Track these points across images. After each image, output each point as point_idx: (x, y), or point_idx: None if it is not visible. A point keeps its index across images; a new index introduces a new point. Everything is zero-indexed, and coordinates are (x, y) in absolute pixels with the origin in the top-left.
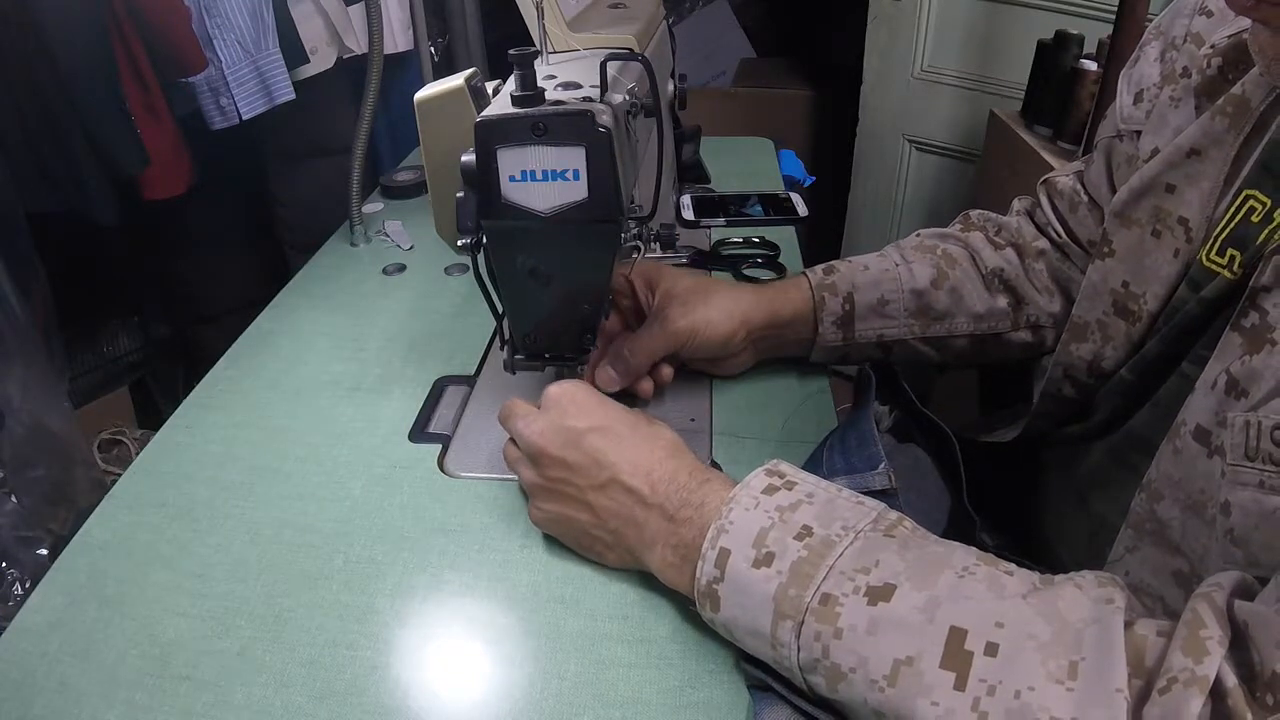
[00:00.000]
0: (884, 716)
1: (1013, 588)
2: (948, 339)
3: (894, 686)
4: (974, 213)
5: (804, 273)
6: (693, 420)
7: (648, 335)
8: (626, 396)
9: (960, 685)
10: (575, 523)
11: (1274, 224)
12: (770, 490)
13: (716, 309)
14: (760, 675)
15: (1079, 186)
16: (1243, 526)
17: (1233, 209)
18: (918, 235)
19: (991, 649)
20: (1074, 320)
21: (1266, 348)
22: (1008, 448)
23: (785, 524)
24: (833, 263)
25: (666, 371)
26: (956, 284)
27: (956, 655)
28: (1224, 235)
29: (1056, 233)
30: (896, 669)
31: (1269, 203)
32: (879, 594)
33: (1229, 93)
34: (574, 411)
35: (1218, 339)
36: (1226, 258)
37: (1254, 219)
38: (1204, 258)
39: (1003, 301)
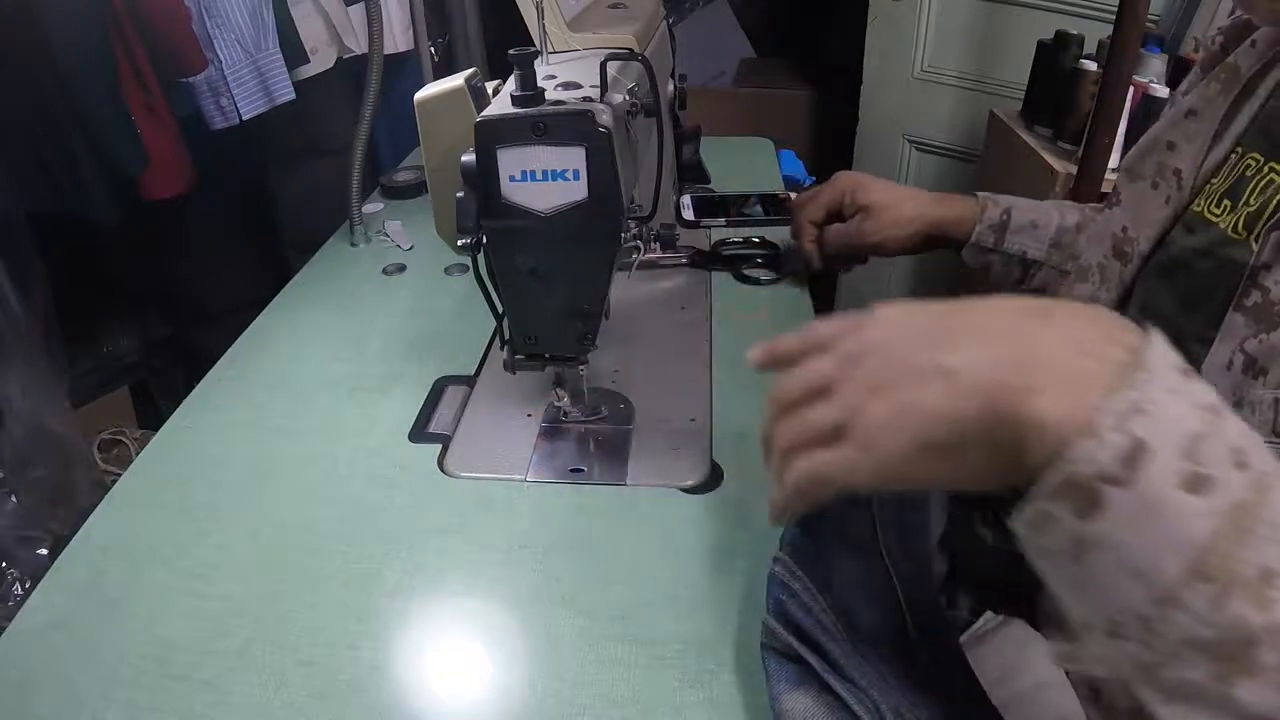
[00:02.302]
0: None
1: None
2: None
3: None
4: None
5: (971, 195)
6: (693, 420)
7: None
8: None
9: None
10: (922, 404)
11: (1263, 176)
12: (1186, 374)
13: (898, 200)
14: (790, 641)
15: None
16: None
17: (1229, 164)
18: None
19: None
20: (1080, 265)
21: None
22: None
23: (1219, 437)
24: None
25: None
26: (1095, 235)
27: None
28: (1223, 190)
29: None
30: None
31: (1261, 159)
32: None
33: (1224, 62)
34: (901, 310)
35: (1219, 319)
36: (1221, 208)
37: (1248, 173)
38: (1204, 211)
39: None
